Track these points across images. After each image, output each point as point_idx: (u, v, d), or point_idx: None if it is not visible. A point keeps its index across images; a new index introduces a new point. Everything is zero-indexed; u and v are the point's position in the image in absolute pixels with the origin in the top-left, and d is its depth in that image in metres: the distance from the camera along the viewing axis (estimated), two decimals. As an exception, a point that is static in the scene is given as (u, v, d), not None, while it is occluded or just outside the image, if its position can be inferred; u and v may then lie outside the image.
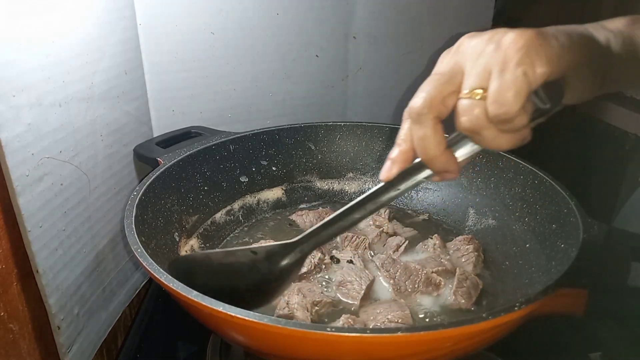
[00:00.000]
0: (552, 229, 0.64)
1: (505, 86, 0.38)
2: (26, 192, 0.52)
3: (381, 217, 0.78)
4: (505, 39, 0.39)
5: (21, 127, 0.52)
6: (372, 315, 0.59)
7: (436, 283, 0.64)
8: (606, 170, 1.04)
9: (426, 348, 0.45)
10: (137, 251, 0.53)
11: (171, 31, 0.83)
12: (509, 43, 0.38)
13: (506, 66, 0.38)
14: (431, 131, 0.42)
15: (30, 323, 0.57)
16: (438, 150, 0.43)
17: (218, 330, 0.53)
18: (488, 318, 0.44)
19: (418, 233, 0.78)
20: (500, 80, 0.38)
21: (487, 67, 0.39)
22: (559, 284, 0.49)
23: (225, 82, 0.90)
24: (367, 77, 1.00)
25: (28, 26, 0.52)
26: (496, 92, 0.38)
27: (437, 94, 0.41)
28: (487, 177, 0.79)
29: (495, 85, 0.38)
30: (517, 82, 0.38)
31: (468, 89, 0.40)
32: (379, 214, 0.79)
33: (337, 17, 0.93)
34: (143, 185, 0.66)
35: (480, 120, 0.40)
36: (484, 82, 0.39)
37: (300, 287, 0.61)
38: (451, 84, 0.41)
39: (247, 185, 0.84)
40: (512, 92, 0.38)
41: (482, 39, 0.41)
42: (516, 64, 0.38)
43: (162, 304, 0.79)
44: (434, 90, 0.41)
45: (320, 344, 0.44)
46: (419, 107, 0.42)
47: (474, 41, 0.41)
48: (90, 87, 0.64)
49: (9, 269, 0.53)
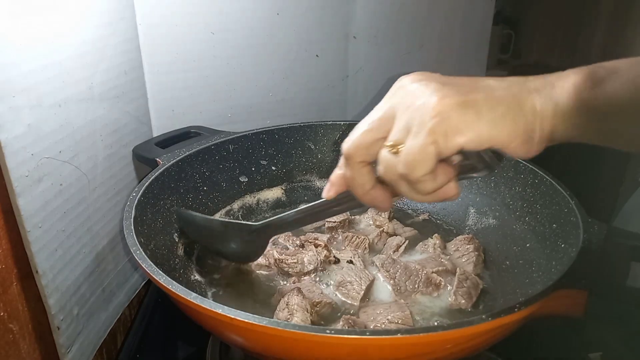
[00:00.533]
0: (553, 229, 0.64)
1: (414, 151, 0.39)
2: (26, 193, 0.52)
3: (381, 217, 0.78)
4: (429, 100, 0.39)
5: (21, 128, 0.51)
6: (372, 316, 0.58)
7: (436, 283, 0.64)
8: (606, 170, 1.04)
9: (426, 350, 0.45)
10: (136, 252, 0.53)
11: (171, 31, 0.83)
12: (429, 106, 0.38)
13: (420, 129, 0.38)
14: (356, 174, 0.44)
15: (30, 323, 0.57)
16: (361, 190, 0.44)
17: (217, 332, 0.53)
18: (488, 320, 0.43)
19: (418, 233, 0.78)
20: (412, 143, 0.39)
21: (408, 124, 0.39)
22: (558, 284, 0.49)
23: (225, 82, 0.90)
24: (367, 77, 1.00)
25: (28, 27, 0.52)
26: (406, 154, 0.39)
27: (363, 142, 0.42)
28: (487, 176, 0.79)
29: (407, 147, 0.39)
30: (425, 149, 0.38)
31: (391, 141, 0.41)
32: (379, 214, 0.79)
33: (337, 17, 0.93)
34: (142, 186, 0.66)
35: (394, 174, 0.41)
36: (403, 138, 0.40)
37: (299, 287, 0.61)
38: (380, 132, 0.42)
39: (247, 185, 0.84)
40: (419, 158, 0.38)
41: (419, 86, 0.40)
42: (428, 131, 0.38)
43: (162, 304, 0.78)
44: (361, 137, 0.43)
45: (320, 346, 0.44)
46: (345, 152, 0.44)
47: (411, 87, 0.41)
48: (90, 87, 0.64)
49: (9, 269, 0.53)
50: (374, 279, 0.65)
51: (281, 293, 0.62)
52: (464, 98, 0.38)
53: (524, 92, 0.40)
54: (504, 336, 0.49)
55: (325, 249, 0.68)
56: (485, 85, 0.40)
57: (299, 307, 0.57)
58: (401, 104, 0.41)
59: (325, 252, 0.68)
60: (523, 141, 0.39)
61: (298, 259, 0.66)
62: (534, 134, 0.39)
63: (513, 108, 0.39)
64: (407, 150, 0.39)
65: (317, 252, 0.67)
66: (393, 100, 0.42)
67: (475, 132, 0.38)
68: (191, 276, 0.67)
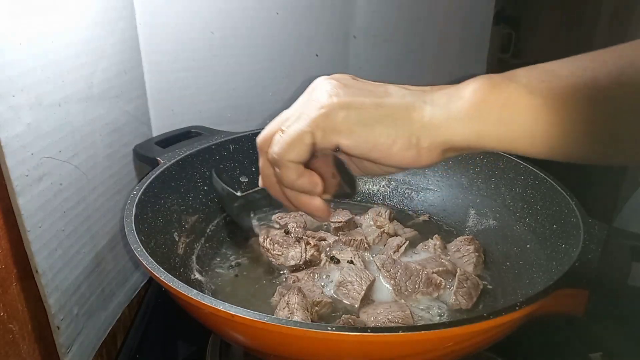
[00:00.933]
0: (553, 229, 0.64)
1: (291, 132, 0.41)
2: (26, 192, 0.52)
3: (382, 218, 0.78)
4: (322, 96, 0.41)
5: (21, 127, 0.51)
6: (373, 316, 0.58)
7: (437, 284, 0.64)
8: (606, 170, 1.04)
9: (427, 348, 0.45)
10: (137, 250, 0.53)
11: (171, 31, 0.83)
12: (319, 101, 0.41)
13: (305, 118, 0.41)
14: (264, 165, 0.47)
15: (30, 323, 0.57)
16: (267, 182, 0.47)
17: (217, 329, 0.53)
18: (489, 318, 0.43)
19: (418, 234, 0.78)
20: (294, 126, 0.41)
21: (299, 113, 0.42)
22: (559, 284, 0.49)
23: (225, 82, 0.90)
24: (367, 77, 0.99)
25: (27, 26, 0.52)
26: (284, 134, 0.42)
27: (268, 134, 0.45)
28: (487, 177, 0.79)
29: (289, 129, 0.42)
30: (301, 134, 0.41)
31: (283, 125, 0.43)
32: (380, 214, 0.79)
33: (337, 17, 0.93)
34: (143, 184, 0.66)
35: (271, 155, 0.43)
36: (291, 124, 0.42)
37: (300, 287, 0.61)
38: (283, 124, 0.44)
39: (247, 186, 0.84)
40: (293, 140, 0.41)
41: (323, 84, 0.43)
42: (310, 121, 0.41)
43: (162, 304, 0.78)
44: (267, 129, 0.45)
45: (321, 344, 0.44)
46: (257, 143, 0.46)
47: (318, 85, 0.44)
48: (89, 87, 0.64)
49: (9, 269, 0.53)
50: (375, 280, 0.65)
51: (281, 292, 0.62)
52: (351, 100, 0.41)
53: (417, 102, 0.41)
54: (504, 335, 0.49)
55: (314, 249, 0.69)
56: (383, 91, 0.43)
57: (299, 306, 0.57)
58: (303, 98, 0.44)
59: (312, 252, 0.68)
60: (404, 147, 0.40)
61: (283, 252, 0.68)
62: (420, 141, 0.40)
63: (398, 116, 0.40)
64: (287, 131, 0.42)
65: (304, 249, 0.68)
66: (301, 98, 0.45)
67: (352, 133, 0.40)
68: (191, 275, 0.67)
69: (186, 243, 0.70)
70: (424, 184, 0.86)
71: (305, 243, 0.69)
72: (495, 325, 0.44)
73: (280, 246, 0.68)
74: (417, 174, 0.86)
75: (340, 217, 0.77)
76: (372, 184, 0.89)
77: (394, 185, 0.88)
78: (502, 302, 0.64)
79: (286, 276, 0.67)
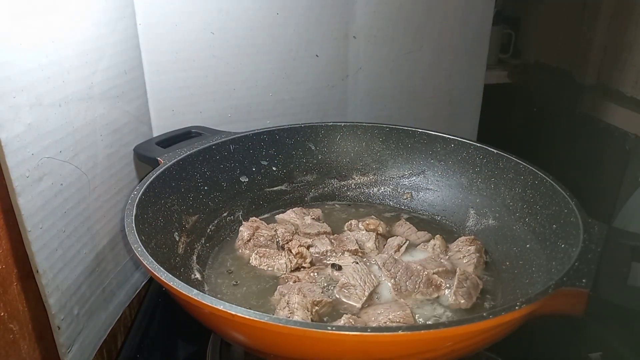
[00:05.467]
0: (553, 229, 0.64)
1: None
2: (26, 192, 0.52)
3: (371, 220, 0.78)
4: None
5: (21, 127, 0.51)
6: (374, 316, 0.58)
7: (437, 285, 0.64)
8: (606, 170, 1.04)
9: (427, 347, 0.45)
10: (138, 250, 0.53)
11: (171, 31, 0.83)
12: None
13: None
14: None
15: (30, 323, 0.57)
16: None
17: (218, 329, 0.53)
18: (489, 317, 0.44)
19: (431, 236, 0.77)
20: None
21: None
22: (559, 283, 0.49)
23: (225, 82, 0.90)
24: (367, 77, 1.00)
25: (28, 26, 0.52)
26: None
27: None
28: (487, 177, 0.79)
29: None
30: None
31: None
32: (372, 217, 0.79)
33: (337, 17, 0.93)
34: (143, 184, 0.66)
35: None
36: None
37: (300, 287, 0.61)
38: None
39: (247, 186, 0.84)
40: None
41: None
42: None
43: (162, 304, 0.79)
44: None
45: (321, 343, 0.44)
46: None
47: None
48: (90, 87, 0.64)
49: (9, 269, 0.53)
50: (379, 284, 0.65)
51: (281, 292, 0.62)
52: None
53: None
54: (504, 335, 0.49)
55: (298, 257, 0.69)
56: None
57: (300, 306, 0.57)
58: None
59: (297, 261, 0.69)
60: None
61: (269, 264, 0.69)
62: None
63: None
64: None
65: (289, 259, 0.69)
66: None
67: None
68: (191, 275, 0.67)
69: (186, 243, 0.71)
70: (424, 184, 0.86)
71: (287, 251, 0.70)
72: (495, 325, 0.44)
73: (268, 258, 0.70)
74: (417, 174, 0.86)
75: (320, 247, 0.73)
76: (372, 185, 0.89)
77: (394, 185, 0.88)
78: (502, 302, 0.64)
79: (286, 276, 0.67)
